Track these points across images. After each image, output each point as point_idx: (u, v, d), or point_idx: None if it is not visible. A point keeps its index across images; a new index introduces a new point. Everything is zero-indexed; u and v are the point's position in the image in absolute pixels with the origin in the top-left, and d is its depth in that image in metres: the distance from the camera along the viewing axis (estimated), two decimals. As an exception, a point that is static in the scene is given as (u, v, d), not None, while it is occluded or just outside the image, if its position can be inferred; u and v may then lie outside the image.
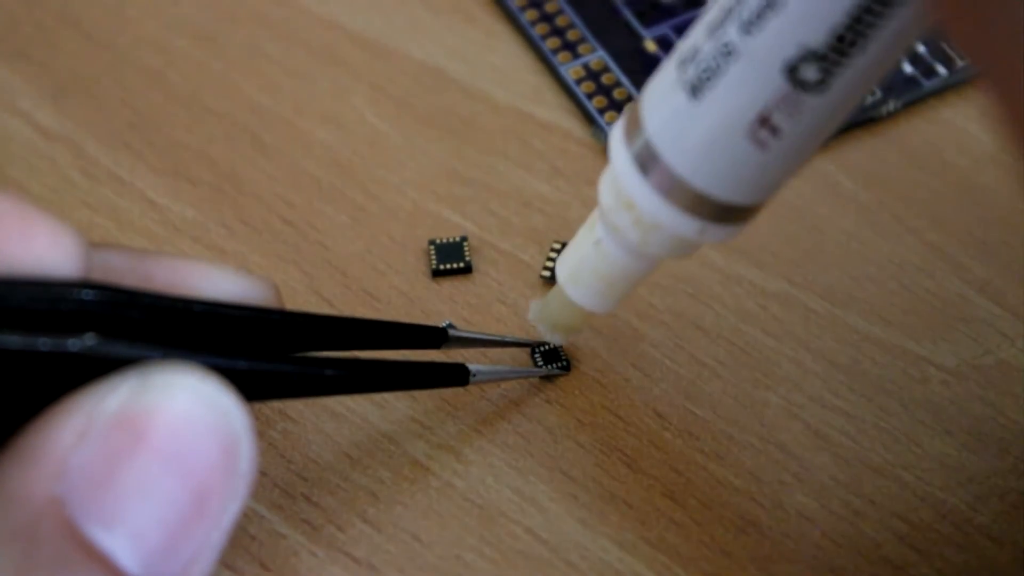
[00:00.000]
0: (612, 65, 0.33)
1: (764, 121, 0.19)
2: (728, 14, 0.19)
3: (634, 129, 0.21)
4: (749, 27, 0.19)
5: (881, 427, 0.27)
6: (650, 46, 0.33)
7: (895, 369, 0.28)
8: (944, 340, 0.28)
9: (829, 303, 0.29)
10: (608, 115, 0.32)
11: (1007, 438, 0.26)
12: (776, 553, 0.25)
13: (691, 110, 0.20)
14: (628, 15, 0.34)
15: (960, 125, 0.32)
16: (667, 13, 0.34)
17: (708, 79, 0.20)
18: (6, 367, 0.18)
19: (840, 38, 0.18)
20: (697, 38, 0.20)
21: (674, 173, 0.21)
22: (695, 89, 0.20)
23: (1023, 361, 0.28)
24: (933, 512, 0.26)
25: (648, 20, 0.34)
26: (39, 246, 0.19)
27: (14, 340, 0.18)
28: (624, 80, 0.33)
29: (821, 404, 0.27)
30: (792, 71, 0.19)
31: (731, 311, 0.29)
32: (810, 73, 0.19)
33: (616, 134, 0.22)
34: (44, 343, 0.18)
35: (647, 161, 0.21)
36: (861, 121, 0.32)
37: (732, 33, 0.19)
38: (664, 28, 0.34)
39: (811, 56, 0.19)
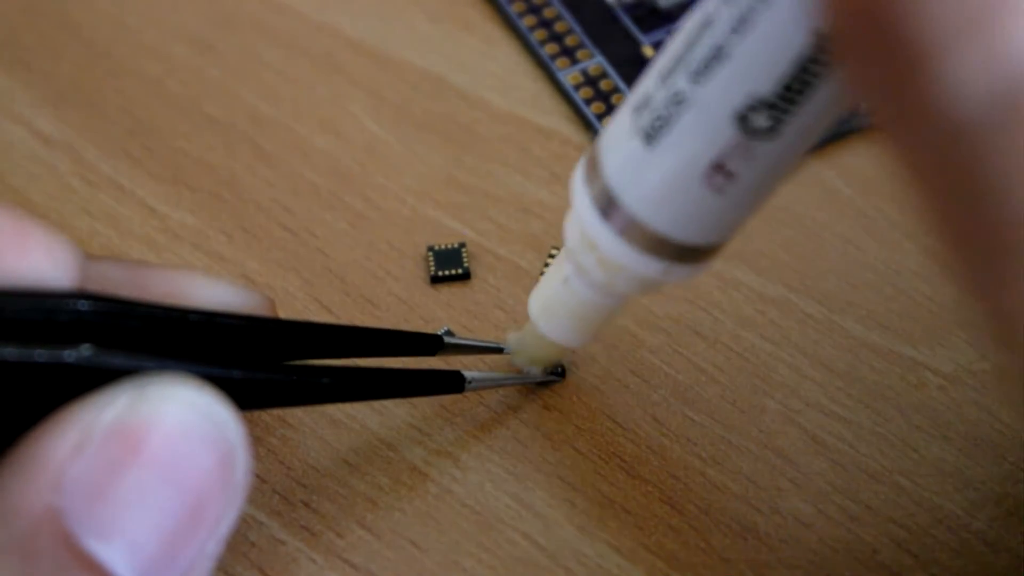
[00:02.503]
0: (610, 71, 0.33)
1: (719, 168, 0.20)
2: (678, 63, 0.19)
3: (593, 172, 0.21)
4: (698, 76, 0.19)
5: (878, 432, 0.27)
6: (648, 52, 0.33)
7: (892, 375, 0.28)
8: (941, 345, 0.28)
9: (827, 308, 0.29)
10: (606, 121, 0.32)
11: (1004, 443, 0.27)
12: (774, 558, 0.25)
13: (646, 156, 0.20)
14: (626, 21, 0.34)
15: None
16: (665, 19, 0.34)
17: (661, 127, 0.20)
18: (2, 378, 0.18)
19: (787, 87, 0.18)
20: (649, 85, 0.20)
21: (633, 216, 0.21)
22: (649, 136, 0.20)
23: (1020, 366, 0.28)
24: (930, 517, 0.26)
25: (646, 26, 0.34)
26: (35, 257, 0.19)
27: (10, 351, 0.18)
28: (622, 86, 0.33)
29: (818, 409, 0.27)
30: (743, 119, 0.19)
31: (729, 317, 0.29)
32: (760, 121, 0.19)
33: (577, 176, 0.22)
34: (40, 354, 0.18)
35: (606, 204, 0.21)
36: (858, 127, 0.32)
37: (682, 82, 0.19)
38: (662, 34, 0.34)
39: (760, 104, 0.19)
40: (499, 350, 0.27)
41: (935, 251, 0.16)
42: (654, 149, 0.20)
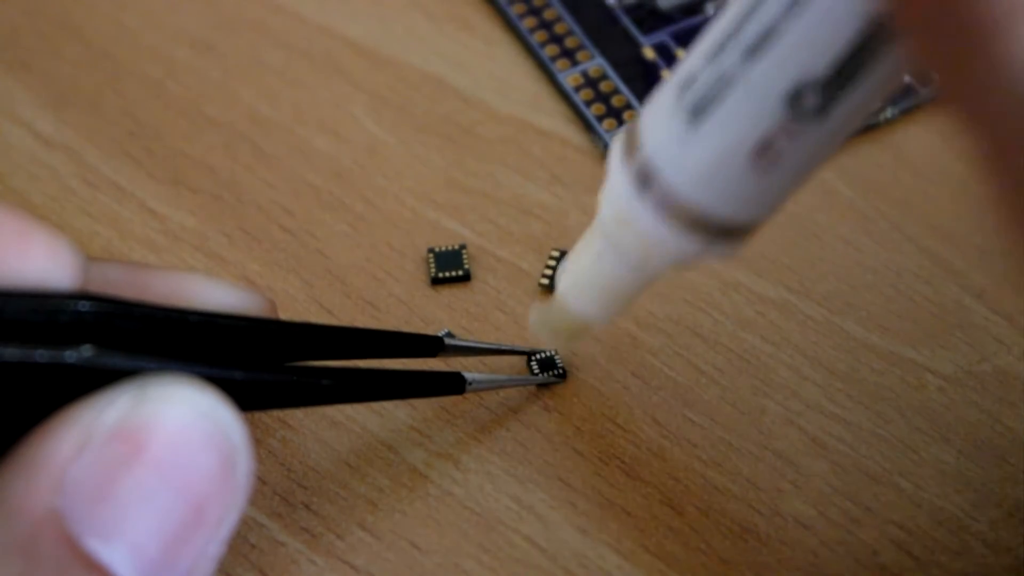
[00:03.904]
0: (610, 72, 0.33)
1: (765, 147, 0.19)
2: (727, 41, 0.19)
3: (633, 147, 0.21)
4: (749, 56, 0.19)
5: (878, 434, 0.27)
6: (648, 53, 0.33)
7: (893, 376, 0.28)
8: (942, 347, 0.28)
9: (827, 310, 0.29)
10: (607, 122, 0.32)
11: (1004, 445, 0.27)
12: (774, 560, 0.25)
13: (691, 135, 0.20)
14: (626, 22, 0.34)
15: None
16: (666, 20, 0.34)
17: (707, 105, 0.20)
18: (4, 379, 0.18)
19: (840, 68, 0.18)
20: (696, 63, 0.20)
21: (674, 193, 0.21)
22: (695, 114, 0.20)
23: (1020, 368, 0.28)
24: (930, 519, 0.26)
25: (646, 27, 0.34)
26: (36, 258, 0.19)
27: (11, 352, 0.18)
28: (622, 87, 0.33)
29: (819, 411, 0.27)
30: (792, 99, 0.19)
31: (729, 318, 0.29)
32: (810, 101, 0.19)
33: (615, 151, 0.22)
34: (41, 355, 0.18)
35: (647, 180, 0.21)
36: (859, 128, 0.32)
37: (731, 61, 0.19)
38: (662, 35, 0.34)
39: (811, 85, 0.19)
40: (507, 352, 0.28)
41: (936, 250, 0.16)
42: (699, 127, 0.20)
